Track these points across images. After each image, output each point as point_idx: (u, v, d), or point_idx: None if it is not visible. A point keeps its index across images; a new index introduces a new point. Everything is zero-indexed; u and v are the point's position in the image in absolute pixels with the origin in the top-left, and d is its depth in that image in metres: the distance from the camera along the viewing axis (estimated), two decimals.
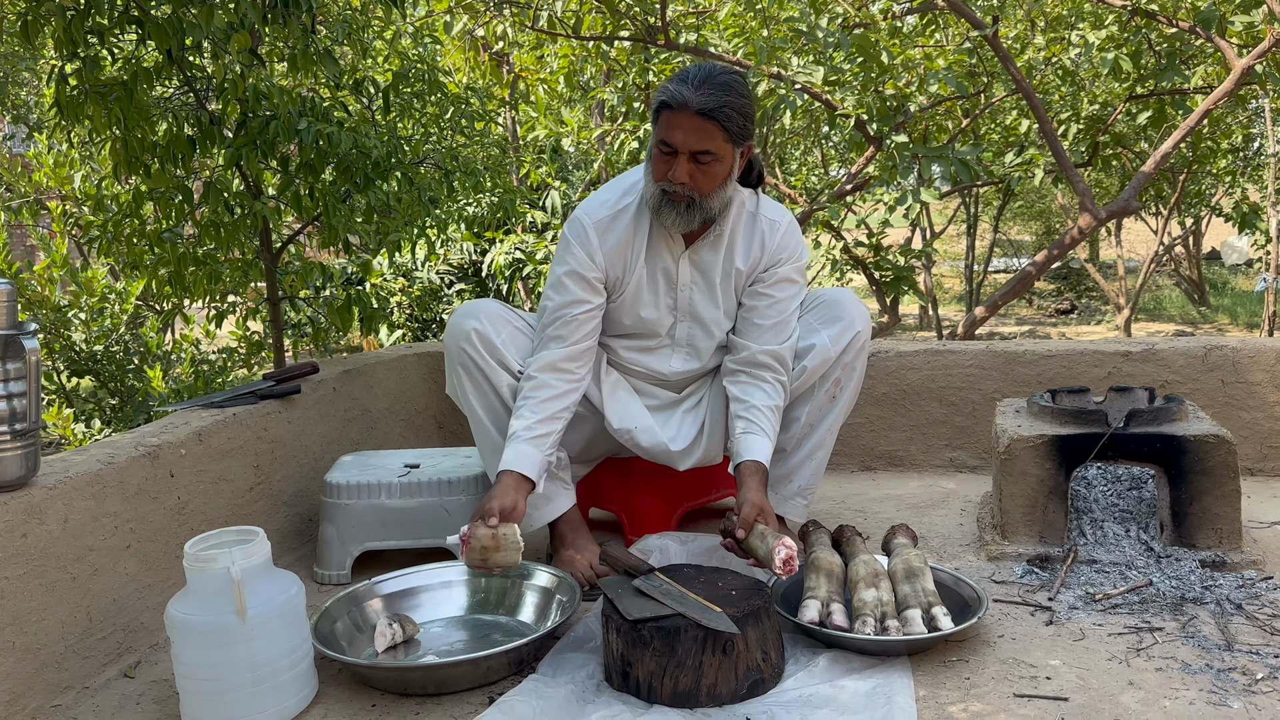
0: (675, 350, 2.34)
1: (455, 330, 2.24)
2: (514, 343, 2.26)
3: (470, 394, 2.25)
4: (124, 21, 2.63)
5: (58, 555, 1.83)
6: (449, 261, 7.92)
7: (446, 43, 6.02)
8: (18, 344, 1.76)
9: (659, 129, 2.07)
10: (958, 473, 3.14)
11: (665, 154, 2.08)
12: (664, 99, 2.05)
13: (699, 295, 2.28)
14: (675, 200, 2.11)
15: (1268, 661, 1.78)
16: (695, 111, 2.01)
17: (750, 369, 2.24)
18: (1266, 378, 2.95)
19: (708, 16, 5.65)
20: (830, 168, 10.93)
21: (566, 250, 2.24)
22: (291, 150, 2.97)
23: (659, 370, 2.35)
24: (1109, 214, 5.13)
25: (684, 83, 2.03)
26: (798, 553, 1.96)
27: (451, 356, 2.26)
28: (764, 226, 2.27)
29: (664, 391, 2.39)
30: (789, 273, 2.28)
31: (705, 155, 2.05)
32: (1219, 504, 2.22)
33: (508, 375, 2.24)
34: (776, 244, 2.27)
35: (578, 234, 2.23)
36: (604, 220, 2.23)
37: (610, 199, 2.26)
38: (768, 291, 2.27)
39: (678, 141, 2.04)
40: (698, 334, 2.32)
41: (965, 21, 5.12)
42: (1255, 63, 4.59)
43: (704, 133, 2.03)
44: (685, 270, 2.26)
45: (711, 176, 2.09)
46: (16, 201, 4.57)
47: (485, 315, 2.25)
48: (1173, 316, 13.50)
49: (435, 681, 1.79)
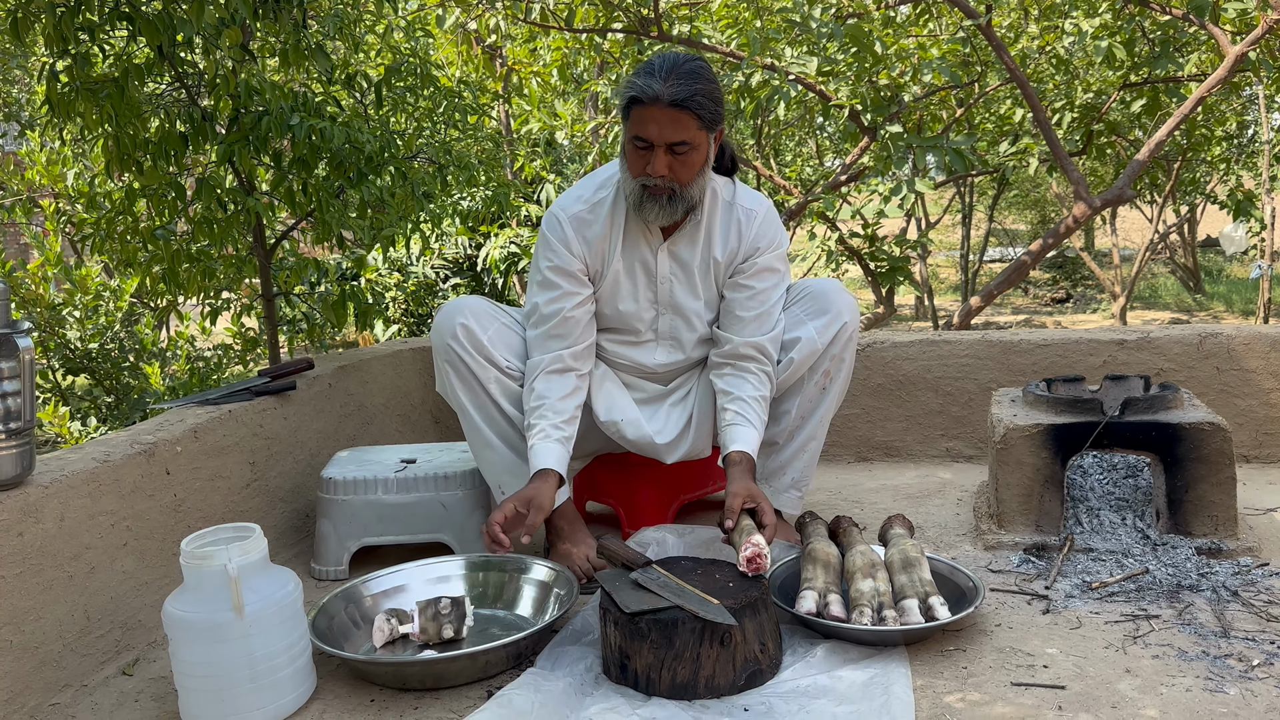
0: (659, 343, 2.34)
1: (441, 327, 2.24)
2: (501, 339, 2.26)
3: (459, 390, 2.25)
4: (114, 18, 2.62)
5: (54, 554, 1.83)
6: (444, 256, 7.91)
7: (439, 36, 6.00)
8: (11, 343, 1.75)
9: (631, 125, 2.07)
10: (954, 462, 3.15)
11: (641, 149, 2.07)
12: (633, 94, 2.03)
13: (679, 287, 2.28)
14: (656, 194, 2.10)
15: (1264, 648, 1.78)
16: (668, 103, 2.00)
17: (734, 361, 2.24)
18: (1261, 365, 2.95)
19: (701, 8, 5.64)
20: (825, 158, 10.93)
21: (546, 247, 2.24)
22: (284, 146, 2.96)
23: (643, 363, 2.35)
24: (1103, 202, 5.14)
25: (651, 75, 2.02)
26: (795, 544, 1.97)
27: (439, 353, 2.27)
28: (740, 215, 2.26)
29: (651, 384, 2.39)
30: (770, 261, 2.27)
31: (681, 146, 2.05)
32: (1214, 491, 2.22)
33: (495, 371, 2.24)
34: (755, 232, 2.26)
35: (554, 229, 2.23)
36: (579, 214, 2.23)
37: (584, 194, 2.26)
38: (748, 283, 2.26)
39: (653, 135, 2.04)
40: (680, 326, 2.32)
41: (959, 10, 5.11)
42: (1248, 49, 4.59)
43: (678, 123, 2.03)
44: (664, 263, 2.26)
45: (689, 166, 2.08)
46: (9, 200, 4.56)
47: (471, 312, 2.25)
48: (1168, 304, 13.53)
49: (434, 675, 1.79)
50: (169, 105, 2.99)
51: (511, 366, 2.26)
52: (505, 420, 2.25)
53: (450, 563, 2.18)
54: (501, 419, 2.25)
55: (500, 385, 2.24)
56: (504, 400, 2.24)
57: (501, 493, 2.29)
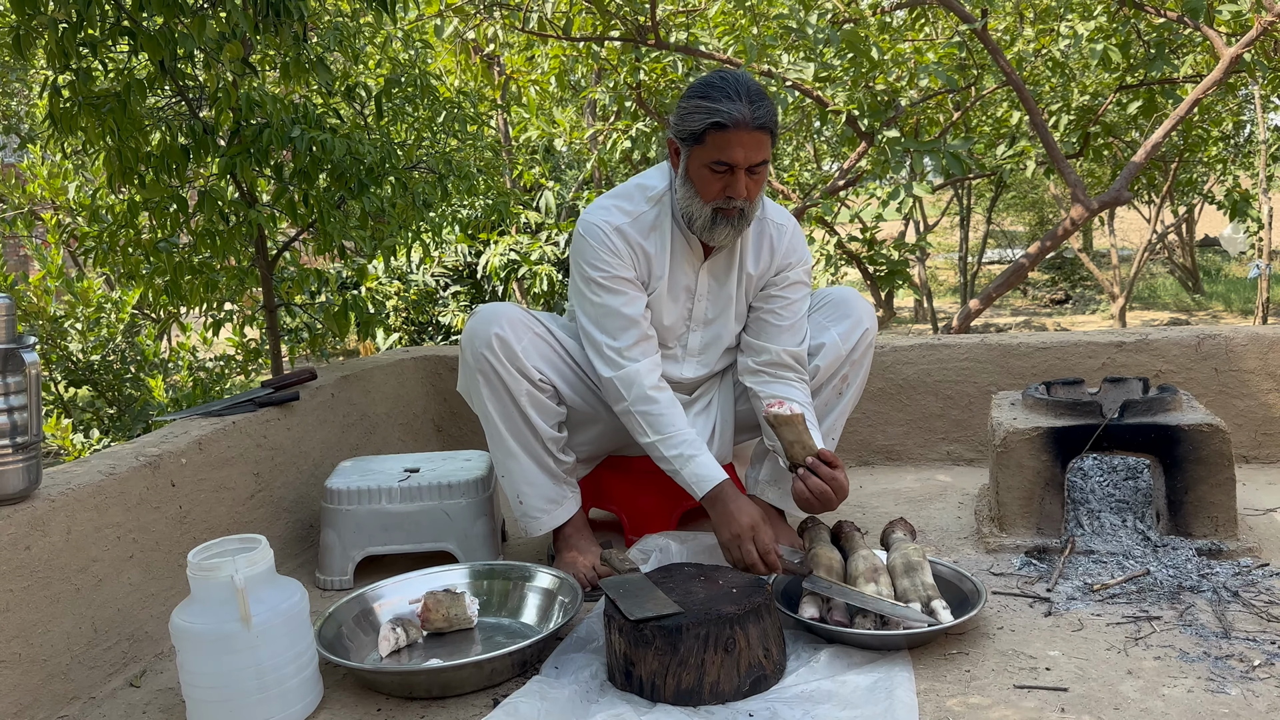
0: (688, 358, 2.35)
1: (476, 335, 2.21)
2: (535, 349, 2.24)
3: (487, 399, 2.23)
4: (116, 33, 2.64)
5: (61, 567, 1.84)
6: (444, 264, 7.92)
7: (437, 46, 6.02)
8: (17, 357, 1.76)
9: (710, 149, 2.04)
10: (955, 466, 3.16)
11: (720, 172, 2.06)
12: (716, 120, 2.01)
13: (712, 304, 2.30)
14: (729, 215, 2.11)
15: (1265, 648, 1.79)
16: (754, 127, 2.02)
17: (774, 369, 2.25)
18: (1259, 365, 2.97)
19: (698, 15, 5.66)
20: (823, 163, 10.95)
21: (595, 256, 2.18)
22: (285, 157, 2.98)
23: (672, 375, 2.33)
24: (1100, 204, 5.15)
25: (731, 99, 2.00)
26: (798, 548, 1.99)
27: (470, 360, 2.23)
28: (771, 230, 2.29)
29: (676, 394, 2.40)
30: (799, 275, 2.31)
31: (760, 166, 2.07)
32: (1214, 492, 2.23)
33: (526, 383, 2.21)
34: (785, 247, 2.29)
35: (600, 239, 2.18)
36: (623, 226, 2.20)
37: (624, 206, 2.22)
38: (781, 294, 2.29)
39: (739, 159, 2.03)
40: (709, 341, 2.34)
41: (954, 15, 5.13)
42: (1243, 51, 4.61)
43: (760, 145, 2.05)
44: (704, 280, 2.27)
45: (760, 183, 2.11)
46: (10, 213, 4.57)
47: (507, 320, 2.21)
48: (1167, 304, 13.54)
49: (440, 684, 1.80)
50: (170, 119, 3.00)
51: (544, 378, 2.24)
52: (532, 433, 2.24)
53: (455, 571, 2.19)
54: (528, 431, 2.24)
55: (531, 398, 2.23)
56: (533, 412, 2.23)
57: (519, 503, 2.29)
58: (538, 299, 6.18)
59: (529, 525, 2.31)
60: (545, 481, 2.28)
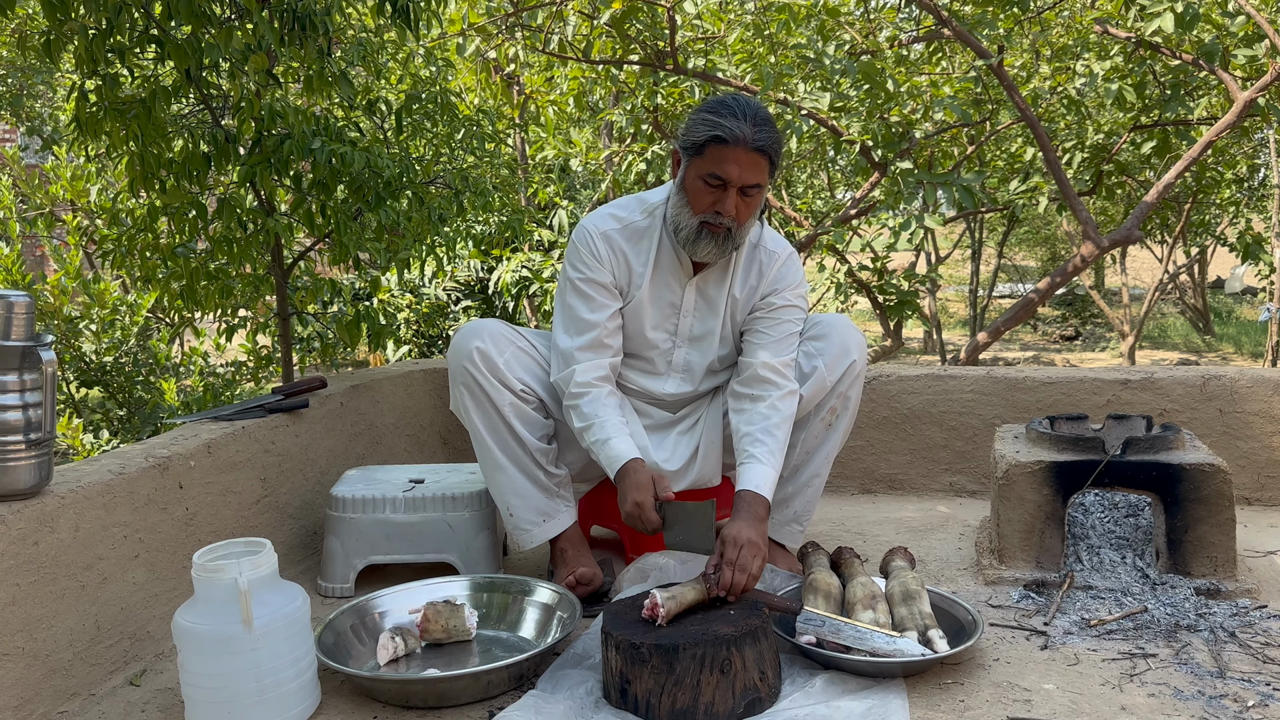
0: (671, 373, 2.38)
1: (458, 349, 2.27)
2: (517, 362, 2.30)
3: (472, 412, 2.28)
4: (144, 41, 2.69)
5: (68, 563, 1.86)
6: (456, 279, 7.97)
7: (459, 64, 6.09)
8: (35, 355, 1.79)
9: (707, 161, 2.08)
10: (956, 497, 3.16)
11: (712, 186, 2.10)
12: (718, 134, 2.05)
13: (698, 322, 2.33)
14: (715, 231, 2.14)
15: (1259, 689, 1.79)
16: (753, 147, 2.05)
17: (752, 387, 2.25)
18: (1264, 408, 2.97)
19: (716, 42, 5.72)
20: (836, 191, 10.98)
21: (577, 258, 2.28)
22: (305, 168, 3.02)
23: (654, 391, 2.39)
24: (1111, 242, 5.17)
25: (735, 117, 2.05)
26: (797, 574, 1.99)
27: (454, 374, 2.30)
28: (763, 257, 2.33)
29: (659, 411, 2.42)
30: (790, 298, 2.33)
31: (753, 189, 2.10)
32: (1214, 532, 2.24)
33: (510, 395, 2.27)
34: (775, 274, 2.32)
35: (586, 242, 2.27)
36: (610, 232, 2.28)
37: (619, 214, 2.30)
38: (769, 315, 2.32)
39: (732, 175, 2.07)
40: (694, 359, 2.37)
41: (971, 50, 5.18)
42: (1258, 95, 4.64)
43: (757, 167, 2.08)
44: (690, 297, 2.30)
45: (752, 207, 2.14)
46: (32, 212, 4.63)
47: (489, 334, 2.28)
48: (1177, 344, 13.50)
49: (436, 694, 1.81)
50: (193, 126, 3.05)
51: (527, 390, 2.29)
52: (517, 443, 2.28)
53: (455, 583, 2.21)
54: (514, 442, 2.28)
55: (515, 409, 2.27)
56: (518, 423, 2.27)
57: (510, 515, 2.32)
58: (548, 316, 6.22)
59: (520, 538, 2.33)
60: (535, 494, 2.30)
